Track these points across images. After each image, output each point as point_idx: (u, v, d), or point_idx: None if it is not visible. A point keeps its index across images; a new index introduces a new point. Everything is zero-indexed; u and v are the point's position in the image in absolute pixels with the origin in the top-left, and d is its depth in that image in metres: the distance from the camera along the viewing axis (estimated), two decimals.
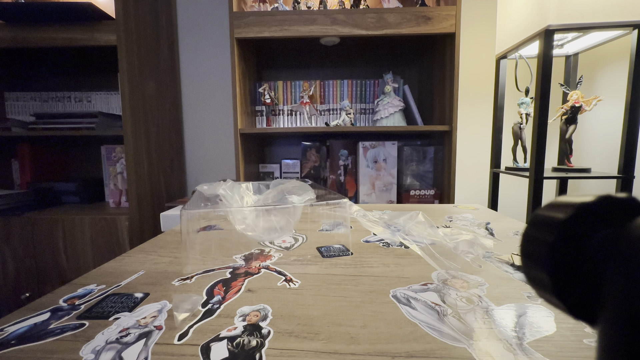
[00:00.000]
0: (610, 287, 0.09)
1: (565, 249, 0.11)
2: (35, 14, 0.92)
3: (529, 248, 0.12)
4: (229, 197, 0.42)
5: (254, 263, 0.39)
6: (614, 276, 0.09)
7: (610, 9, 0.83)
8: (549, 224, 0.11)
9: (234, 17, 0.97)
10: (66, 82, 1.28)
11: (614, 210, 0.11)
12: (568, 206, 0.11)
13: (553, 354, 0.21)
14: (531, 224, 0.12)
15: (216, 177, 1.37)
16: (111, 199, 1.12)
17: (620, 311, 0.08)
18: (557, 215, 0.11)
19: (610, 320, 0.09)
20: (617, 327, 0.08)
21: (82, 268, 0.97)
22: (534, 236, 0.12)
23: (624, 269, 0.09)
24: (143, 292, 0.32)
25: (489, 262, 0.38)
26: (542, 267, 0.11)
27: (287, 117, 1.23)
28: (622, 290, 0.09)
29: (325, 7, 1.07)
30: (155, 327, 0.26)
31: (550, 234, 0.11)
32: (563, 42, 1.09)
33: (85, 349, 0.23)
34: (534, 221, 0.12)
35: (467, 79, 1.28)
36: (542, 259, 0.11)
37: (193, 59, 1.33)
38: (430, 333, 0.24)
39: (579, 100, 0.96)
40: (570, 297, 0.11)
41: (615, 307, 0.09)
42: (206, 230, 0.53)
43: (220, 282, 0.34)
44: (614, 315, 0.09)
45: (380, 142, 1.13)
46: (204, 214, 0.45)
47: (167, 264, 0.39)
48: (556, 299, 0.11)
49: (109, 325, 0.26)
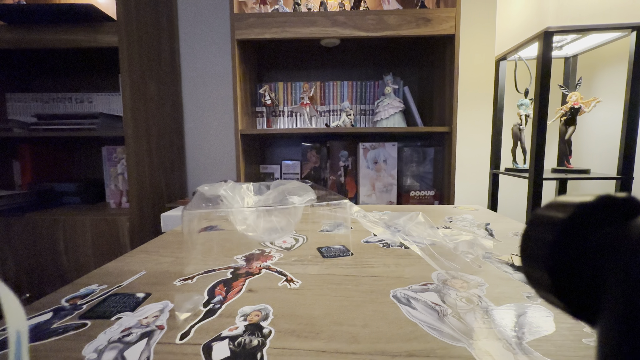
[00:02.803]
0: (610, 287, 0.09)
1: (565, 248, 0.11)
2: (37, 16, 0.92)
3: (528, 247, 0.12)
4: (230, 198, 0.42)
5: (255, 263, 0.39)
6: (614, 276, 0.09)
7: (609, 11, 0.83)
8: (549, 223, 0.12)
9: (235, 18, 0.97)
10: (67, 83, 1.29)
11: (614, 210, 0.11)
12: (568, 206, 0.11)
13: (552, 353, 0.21)
14: (531, 223, 0.12)
15: (217, 178, 1.38)
16: (112, 199, 1.12)
17: (620, 311, 0.09)
18: (557, 215, 0.11)
19: (610, 320, 0.09)
20: (617, 326, 0.09)
21: (82, 268, 0.97)
22: (534, 236, 0.12)
23: (623, 268, 0.09)
24: (145, 292, 0.32)
25: (488, 262, 0.38)
26: (542, 267, 0.11)
27: (287, 118, 1.23)
28: (622, 290, 0.09)
29: (325, 9, 1.07)
30: (157, 326, 0.26)
31: (550, 233, 0.11)
32: (562, 44, 1.09)
33: (87, 348, 0.23)
34: (533, 221, 0.12)
35: (466, 81, 1.28)
36: (542, 259, 0.11)
37: (194, 60, 1.33)
38: (430, 333, 0.24)
39: (578, 102, 0.96)
40: (570, 297, 0.11)
41: (615, 306, 0.09)
42: (207, 230, 0.53)
43: (221, 282, 0.34)
44: (613, 315, 0.09)
45: (380, 143, 1.13)
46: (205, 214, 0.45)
47: (169, 264, 0.39)
48: (556, 299, 0.11)
49: (111, 325, 0.26)
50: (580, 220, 0.11)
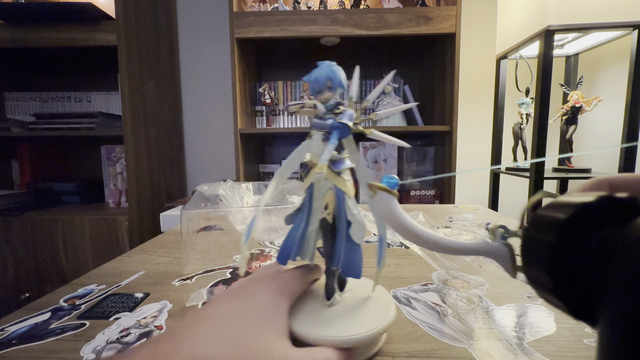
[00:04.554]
0: (610, 287, 0.09)
1: (565, 249, 0.11)
2: (36, 14, 0.92)
3: (529, 248, 0.12)
4: (229, 197, 0.42)
5: (255, 263, 0.39)
6: (615, 276, 0.09)
7: (611, 10, 0.83)
8: (549, 224, 0.11)
9: (234, 17, 0.97)
10: (66, 82, 1.28)
11: (615, 211, 0.11)
12: (569, 206, 0.11)
13: (553, 353, 0.21)
14: (532, 224, 0.12)
15: (216, 177, 1.37)
16: (111, 199, 1.12)
17: (620, 311, 0.08)
18: (558, 216, 0.11)
19: (611, 320, 0.09)
20: (618, 327, 0.08)
21: (81, 268, 0.97)
22: (535, 236, 0.12)
23: (624, 269, 0.09)
24: (143, 292, 0.32)
25: (489, 262, 0.38)
26: (542, 268, 0.11)
27: (287, 117, 1.23)
28: (622, 290, 0.09)
29: (325, 7, 1.07)
30: (155, 327, 0.26)
31: (551, 234, 0.11)
32: (563, 43, 1.09)
33: (85, 348, 0.23)
34: (534, 221, 0.12)
35: (467, 79, 1.27)
36: (543, 259, 0.11)
37: (193, 58, 1.33)
38: (431, 333, 0.24)
39: (579, 101, 0.96)
40: (571, 297, 0.11)
41: (616, 307, 0.09)
42: (206, 230, 0.53)
43: (220, 282, 0.34)
44: (614, 315, 0.09)
45: (380, 143, 1.13)
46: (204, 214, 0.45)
47: (168, 264, 0.39)
48: (557, 299, 0.11)
49: (110, 325, 0.26)
50: (581, 221, 0.11)
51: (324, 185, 0.21)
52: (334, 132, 0.20)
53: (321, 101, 0.21)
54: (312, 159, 0.22)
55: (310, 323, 0.20)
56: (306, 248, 0.23)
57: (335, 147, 0.20)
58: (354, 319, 0.21)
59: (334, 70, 0.21)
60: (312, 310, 0.22)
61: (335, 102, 0.21)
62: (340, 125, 0.20)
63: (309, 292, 0.24)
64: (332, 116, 0.21)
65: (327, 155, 0.19)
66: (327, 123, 0.21)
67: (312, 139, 0.22)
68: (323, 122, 0.21)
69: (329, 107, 0.21)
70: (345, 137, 0.21)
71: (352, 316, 0.21)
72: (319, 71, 0.21)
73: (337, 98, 0.21)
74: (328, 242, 0.23)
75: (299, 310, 0.22)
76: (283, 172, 0.24)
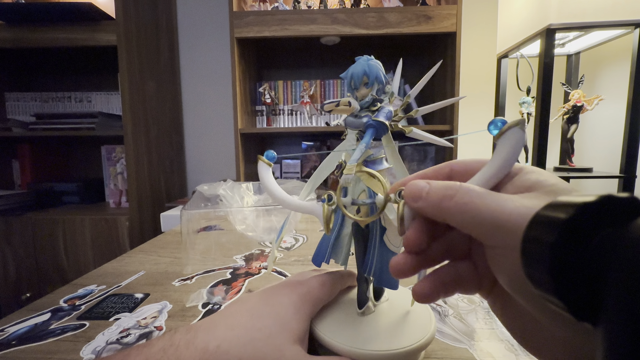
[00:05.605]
0: (612, 288, 0.09)
1: (566, 249, 0.11)
2: (36, 15, 0.92)
3: (530, 248, 0.12)
4: (229, 197, 0.42)
5: (255, 263, 0.39)
6: (616, 276, 0.09)
7: (612, 8, 0.82)
8: (550, 224, 0.11)
9: (234, 16, 0.97)
10: (66, 82, 1.28)
11: (616, 210, 0.11)
12: (569, 206, 0.11)
13: None
14: (532, 224, 0.12)
15: (216, 177, 1.37)
16: (111, 199, 1.12)
17: (622, 312, 0.08)
18: (558, 216, 0.11)
19: (612, 321, 0.09)
20: (619, 327, 0.08)
21: (82, 268, 0.97)
22: (535, 236, 0.12)
23: (625, 269, 0.09)
24: (143, 293, 0.32)
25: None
26: (543, 268, 0.11)
27: (287, 116, 1.23)
28: (624, 290, 0.09)
29: (325, 7, 1.07)
30: (155, 327, 0.26)
31: (551, 234, 0.11)
32: (564, 41, 1.08)
33: (85, 349, 0.23)
34: (534, 221, 0.12)
35: (468, 78, 1.27)
36: (544, 260, 0.11)
37: (193, 58, 1.33)
38: None
39: (580, 100, 0.95)
40: (572, 298, 0.11)
41: (617, 307, 0.09)
42: (206, 230, 0.53)
43: (220, 282, 0.34)
44: (615, 316, 0.09)
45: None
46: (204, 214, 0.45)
47: (168, 265, 0.39)
48: (558, 300, 0.11)
49: (110, 326, 0.26)
50: (582, 221, 0.11)
51: (357, 187, 0.20)
52: (368, 130, 0.19)
53: (358, 98, 0.20)
54: (346, 159, 0.21)
55: (338, 331, 0.19)
56: (339, 252, 0.22)
57: (367, 147, 0.18)
58: (387, 331, 0.20)
59: (371, 65, 0.19)
60: (343, 318, 0.21)
61: (372, 99, 0.20)
62: (375, 124, 0.19)
63: (342, 299, 0.23)
64: (368, 114, 0.20)
65: (357, 155, 0.18)
66: (362, 121, 0.19)
67: (346, 139, 0.21)
68: (358, 120, 0.20)
69: (365, 104, 0.20)
70: (381, 136, 0.19)
71: (386, 328, 0.20)
72: (356, 67, 0.20)
73: (374, 94, 0.20)
74: (360, 247, 0.22)
75: (330, 317, 0.21)
76: (319, 173, 0.23)
